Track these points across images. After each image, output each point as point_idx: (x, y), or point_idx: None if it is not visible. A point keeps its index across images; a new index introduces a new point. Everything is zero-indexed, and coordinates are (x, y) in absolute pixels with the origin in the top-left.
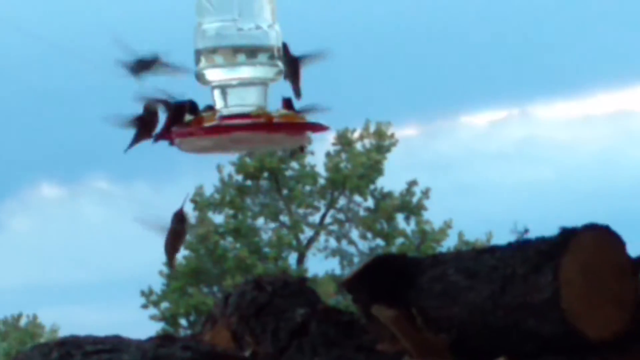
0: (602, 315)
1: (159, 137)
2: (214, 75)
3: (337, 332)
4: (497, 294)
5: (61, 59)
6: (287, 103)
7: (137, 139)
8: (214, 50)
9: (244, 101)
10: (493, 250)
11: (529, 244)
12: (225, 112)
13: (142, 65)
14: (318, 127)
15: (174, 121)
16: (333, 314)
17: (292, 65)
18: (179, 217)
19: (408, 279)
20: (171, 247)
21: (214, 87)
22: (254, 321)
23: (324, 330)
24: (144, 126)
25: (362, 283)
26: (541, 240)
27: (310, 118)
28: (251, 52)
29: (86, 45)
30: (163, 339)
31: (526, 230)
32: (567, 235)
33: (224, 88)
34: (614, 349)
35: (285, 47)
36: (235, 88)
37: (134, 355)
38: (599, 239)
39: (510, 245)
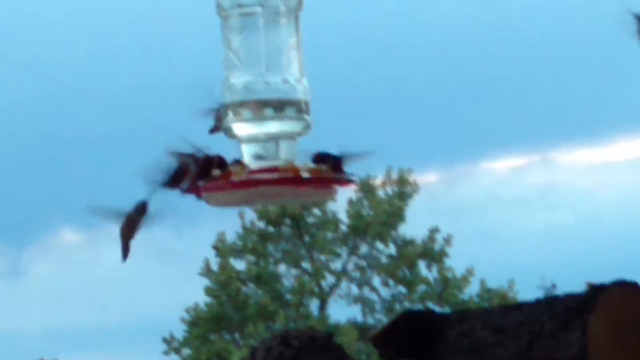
0: None
1: (186, 191)
2: (241, 129)
3: None
4: (525, 350)
5: (81, 104)
6: (319, 158)
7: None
8: (241, 105)
9: (271, 155)
10: (521, 306)
11: (556, 300)
12: (253, 166)
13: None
14: (345, 182)
15: (202, 175)
16: None
17: None
18: (141, 208)
19: (435, 334)
20: (124, 234)
21: (241, 141)
22: None
23: None
24: (173, 178)
25: (389, 339)
26: (569, 297)
27: (351, 163)
28: (278, 106)
29: (106, 90)
30: None
31: (553, 286)
32: (596, 291)
33: (251, 142)
34: None
35: None
36: (263, 142)
37: None
38: (627, 295)
39: (538, 301)
